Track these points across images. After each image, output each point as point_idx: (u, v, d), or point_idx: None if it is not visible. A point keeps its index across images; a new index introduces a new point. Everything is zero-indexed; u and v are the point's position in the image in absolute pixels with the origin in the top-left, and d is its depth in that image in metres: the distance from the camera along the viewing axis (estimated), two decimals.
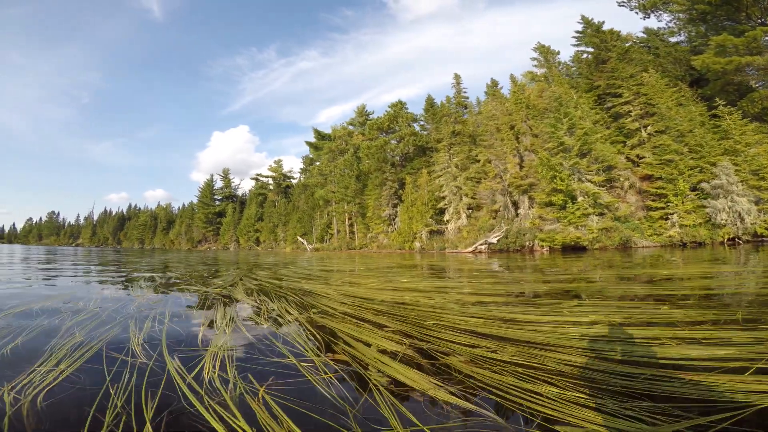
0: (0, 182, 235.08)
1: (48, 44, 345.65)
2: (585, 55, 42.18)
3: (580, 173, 24.18)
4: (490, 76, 47.81)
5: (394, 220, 36.51)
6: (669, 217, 23.90)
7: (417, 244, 30.11)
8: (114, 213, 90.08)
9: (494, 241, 23.79)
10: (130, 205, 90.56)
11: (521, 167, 27.23)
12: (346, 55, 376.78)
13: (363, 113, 50.01)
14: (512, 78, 40.03)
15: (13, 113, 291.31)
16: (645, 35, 45.69)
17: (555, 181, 23.59)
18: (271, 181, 64.69)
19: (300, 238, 46.98)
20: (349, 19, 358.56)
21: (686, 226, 23.09)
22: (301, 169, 59.84)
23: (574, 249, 23.19)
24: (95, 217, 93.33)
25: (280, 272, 8.90)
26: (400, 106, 41.86)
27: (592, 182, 24.10)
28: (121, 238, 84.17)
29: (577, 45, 43.99)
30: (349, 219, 42.71)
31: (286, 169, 64.14)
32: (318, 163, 51.54)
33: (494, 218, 27.03)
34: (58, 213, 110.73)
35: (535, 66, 44.62)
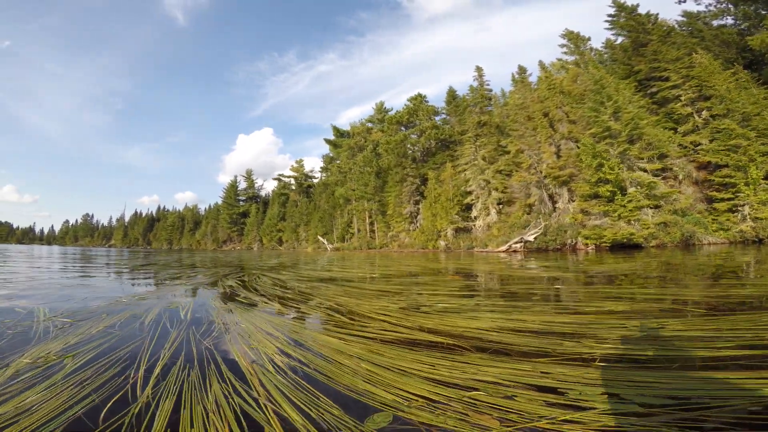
0: (42, 187, 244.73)
1: (82, 53, 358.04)
2: (618, 40, 38.05)
3: (630, 161, 20.33)
4: (509, 74, 44.00)
5: (416, 217, 33.16)
6: (738, 209, 19.74)
7: (442, 243, 26.66)
8: (144, 215, 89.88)
9: (531, 238, 20.17)
10: (159, 207, 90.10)
11: (558, 156, 23.47)
12: (364, 57, 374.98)
13: (381, 110, 46.87)
14: (541, 64, 36.18)
15: (53, 121, 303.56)
16: (684, 18, 40.72)
17: (602, 170, 19.78)
18: (293, 181, 62.37)
19: (320, 238, 44.18)
20: (365, 21, 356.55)
21: (761, 219, 18.90)
22: (321, 168, 57.24)
23: (625, 247, 19.36)
24: (126, 219, 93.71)
25: (257, 283, 5.83)
26: (419, 99, 38.50)
27: (645, 171, 20.21)
28: (150, 239, 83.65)
29: (610, 29, 39.70)
30: (369, 217, 39.60)
31: (307, 168, 61.73)
32: (338, 162, 48.77)
33: (528, 213, 23.35)
34: (92, 215, 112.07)
35: (565, 53, 40.41)
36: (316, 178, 59.76)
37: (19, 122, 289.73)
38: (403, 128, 38.69)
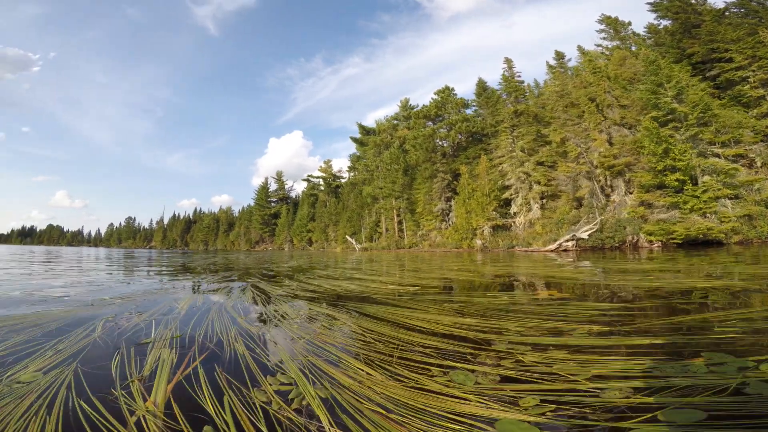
0: (91, 192, 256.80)
1: (124, 63, 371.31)
2: (661, 24, 34.02)
3: (701, 146, 16.93)
4: (537, 70, 40.54)
5: (448, 215, 30.36)
6: None
7: (478, 242, 23.76)
8: (182, 217, 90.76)
9: (585, 236, 17.08)
10: (195, 209, 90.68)
11: (611, 144, 20.21)
12: (387, 60, 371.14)
13: (407, 107, 44.08)
14: (580, 49, 32.86)
15: (100, 128, 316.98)
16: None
17: (669, 156, 16.50)
18: (321, 181, 60.73)
19: (349, 238, 42.02)
20: (386, 24, 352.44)
21: None
22: (348, 167, 55.16)
23: (697, 244, 15.99)
24: (165, 222, 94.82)
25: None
26: (447, 92, 35.60)
27: (718, 156, 16.77)
28: (188, 241, 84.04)
29: (653, 11, 35.55)
30: (398, 216, 37.04)
31: (335, 169, 59.89)
32: (365, 160, 46.54)
33: (577, 208, 20.20)
34: (134, 218, 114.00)
35: (604, 39, 36.60)
36: (344, 178, 57.87)
37: (70, 130, 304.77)
38: (430, 123, 35.98)
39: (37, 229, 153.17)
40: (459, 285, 5.08)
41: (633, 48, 33.53)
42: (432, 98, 36.42)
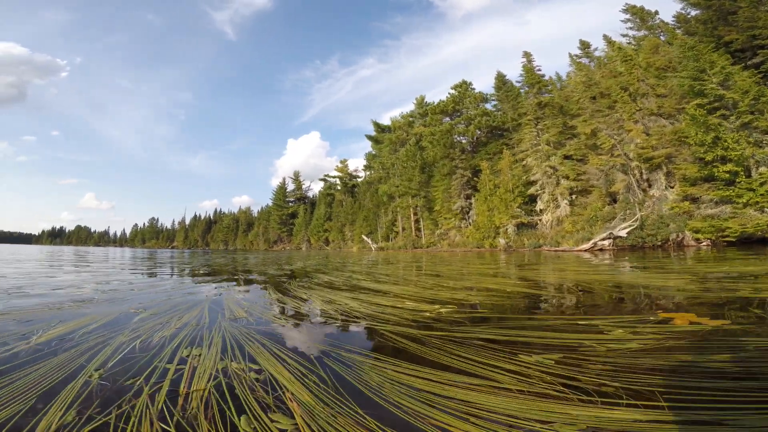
0: (118, 194, 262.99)
1: (147, 69, 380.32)
2: (690, 13, 31.49)
3: (755, 134, 14.87)
4: (555, 67, 38.37)
5: (468, 213, 28.61)
6: None
7: (501, 241, 21.97)
8: (202, 217, 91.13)
9: (624, 234, 15.20)
10: (216, 210, 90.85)
11: (647, 135, 18.24)
12: (401, 60, 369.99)
13: (422, 104, 42.36)
14: (606, 38, 30.72)
15: (126, 132, 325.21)
16: None
17: (719, 145, 14.52)
18: (338, 181, 59.66)
19: (365, 237, 40.64)
20: (400, 24, 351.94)
21: None
22: (364, 166, 53.79)
23: (751, 242, 13.98)
24: (187, 222, 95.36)
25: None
26: (465, 86, 33.79)
27: None
28: (208, 241, 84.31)
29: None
30: (415, 214, 35.42)
31: (351, 168, 58.67)
32: (380, 158, 45.04)
33: (610, 204, 18.28)
34: (157, 219, 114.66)
35: (630, 29, 34.26)
36: (360, 178, 56.58)
37: (97, 134, 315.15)
38: (447, 118, 34.23)
39: (66, 230, 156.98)
40: (511, 303, 3.22)
41: (662, 38, 31.26)
42: (449, 93, 34.69)
